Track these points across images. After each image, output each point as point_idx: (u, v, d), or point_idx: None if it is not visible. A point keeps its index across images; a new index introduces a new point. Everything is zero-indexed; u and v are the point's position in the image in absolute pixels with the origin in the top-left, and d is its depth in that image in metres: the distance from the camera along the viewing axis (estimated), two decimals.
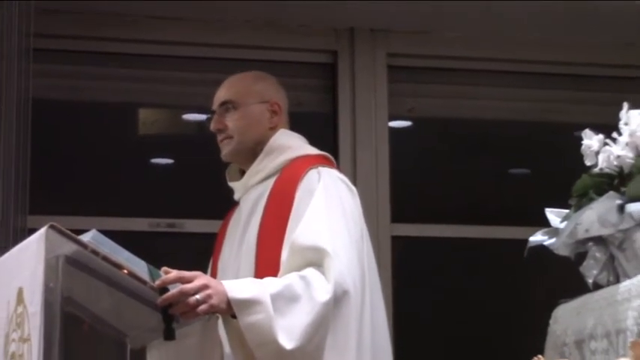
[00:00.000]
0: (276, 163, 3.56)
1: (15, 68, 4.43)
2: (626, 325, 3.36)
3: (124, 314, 3.20)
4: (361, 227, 3.45)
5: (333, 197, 3.39)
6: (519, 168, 5.73)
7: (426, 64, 5.46)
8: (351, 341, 3.21)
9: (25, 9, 4.45)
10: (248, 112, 3.60)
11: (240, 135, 3.59)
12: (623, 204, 3.46)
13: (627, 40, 5.47)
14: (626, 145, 3.55)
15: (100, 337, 3.29)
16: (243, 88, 3.65)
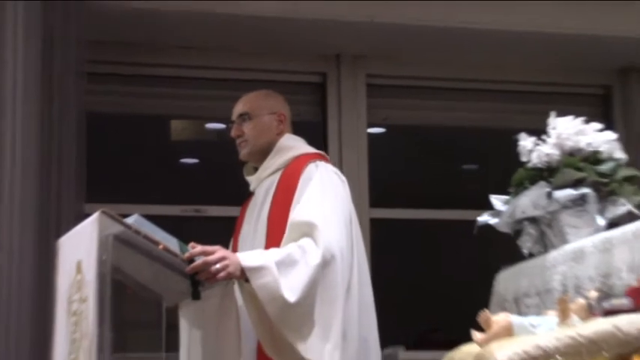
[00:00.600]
0: (282, 160, 3.57)
1: (72, 88, 4.44)
2: (553, 285, 3.39)
3: (160, 280, 3.21)
4: (350, 210, 3.47)
5: (326, 184, 3.41)
6: (470, 164, 5.74)
7: (397, 82, 5.45)
8: (339, 295, 3.22)
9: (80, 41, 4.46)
10: (260, 122, 3.62)
11: (254, 140, 3.60)
12: (551, 191, 3.50)
13: (555, 64, 5.48)
14: (554, 146, 3.59)
15: (141, 299, 3.30)
16: (256, 102, 3.67)
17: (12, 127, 4.28)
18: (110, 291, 2.92)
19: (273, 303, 3.10)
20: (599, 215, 3.46)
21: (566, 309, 2.90)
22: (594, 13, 5.15)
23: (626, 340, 2.68)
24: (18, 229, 4.20)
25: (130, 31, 4.85)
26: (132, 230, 3.03)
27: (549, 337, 2.73)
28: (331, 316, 3.20)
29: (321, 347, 3.15)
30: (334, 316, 3.21)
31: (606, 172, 3.51)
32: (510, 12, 5.07)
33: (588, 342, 2.68)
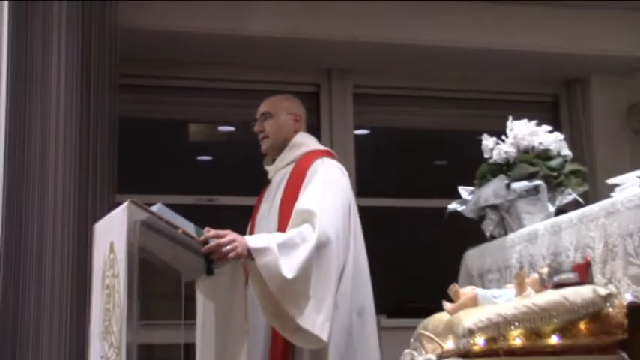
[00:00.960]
0: (295, 154, 3.55)
1: (107, 98, 4.43)
2: (511, 263, 3.39)
3: (179, 259, 3.19)
4: (349, 199, 3.44)
5: (329, 178, 3.38)
6: (441, 160, 5.72)
7: (379, 92, 5.45)
8: (332, 272, 3.20)
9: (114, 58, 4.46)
10: (279, 121, 3.59)
11: (274, 135, 3.58)
12: (509, 183, 3.50)
13: (512, 76, 5.47)
14: (511, 145, 3.59)
15: (163, 275, 3.29)
16: (277, 104, 3.64)
17: (56, 131, 4.27)
18: (137, 268, 2.90)
19: (273, 279, 3.07)
20: (550, 203, 3.46)
21: (522, 282, 2.90)
22: (545, 34, 5.15)
23: (572, 309, 2.68)
24: (61, 215, 4.19)
25: (155, 50, 4.85)
26: (156, 217, 3.02)
27: (508, 306, 2.73)
28: (325, 291, 3.17)
29: (314, 318, 3.12)
30: (327, 291, 3.18)
31: (555, 166, 3.51)
32: (474, 32, 5.07)
33: (541, 310, 2.69)
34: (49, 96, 4.28)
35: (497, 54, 5.16)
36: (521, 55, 5.19)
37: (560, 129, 4.86)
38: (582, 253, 2.89)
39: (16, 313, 4.07)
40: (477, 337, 2.65)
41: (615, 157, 5.24)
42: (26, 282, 4.10)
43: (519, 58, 5.22)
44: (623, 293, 2.65)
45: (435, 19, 5.03)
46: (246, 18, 4.75)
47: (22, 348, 4.03)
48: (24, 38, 4.33)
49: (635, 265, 2.60)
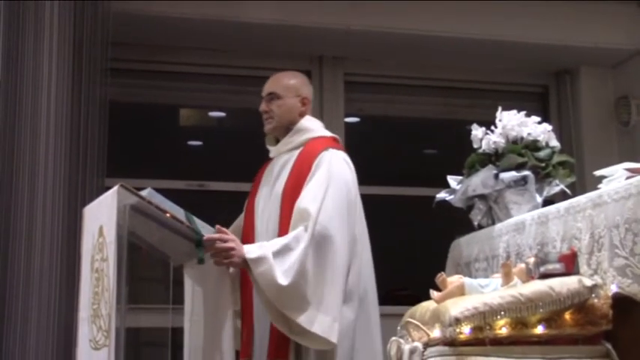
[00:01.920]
0: (301, 139, 3.49)
1: (98, 82, 4.43)
2: (498, 252, 3.39)
3: (168, 243, 3.20)
4: (354, 192, 3.39)
5: (333, 173, 3.32)
6: (431, 149, 5.73)
7: (369, 80, 5.45)
8: (336, 270, 3.17)
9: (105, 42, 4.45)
10: (286, 102, 3.52)
11: (279, 117, 3.52)
12: (498, 173, 3.51)
13: (502, 67, 5.47)
14: (500, 135, 3.59)
15: (152, 259, 3.29)
16: (284, 84, 3.57)
17: (47, 115, 4.26)
18: (126, 252, 2.90)
19: (270, 287, 3.07)
20: (537, 194, 3.47)
21: (509, 272, 2.90)
22: (534, 25, 5.16)
23: (558, 299, 2.68)
24: (51, 198, 4.19)
25: (146, 34, 4.84)
26: (145, 201, 3.02)
27: (495, 295, 2.73)
28: (330, 290, 3.15)
29: (320, 320, 3.10)
30: (333, 290, 3.15)
31: (543, 157, 3.52)
32: (464, 22, 5.07)
33: (527, 300, 2.69)
34: (39, 79, 4.28)
35: (487, 44, 5.16)
36: (511, 46, 5.20)
37: (548, 120, 4.88)
38: (569, 244, 2.89)
39: (4, 296, 4.06)
40: (463, 326, 2.65)
41: (603, 149, 5.26)
42: (15, 265, 4.10)
43: (509, 48, 5.23)
44: (609, 284, 2.66)
45: (426, 9, 5.03)
46: (238, 4, 4.75)
47: (9, 331, 4.03)
48: (16, 22, 4.31)
49: (621, 256, 2.60)
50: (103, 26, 4.45)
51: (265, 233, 3.38)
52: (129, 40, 4.70)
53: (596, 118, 5.47)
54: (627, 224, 2.58)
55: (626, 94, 5.41)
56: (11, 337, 4.02)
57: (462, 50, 5.22)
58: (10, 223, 4.13)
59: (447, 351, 2.66)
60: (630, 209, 2.57)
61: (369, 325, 3.36)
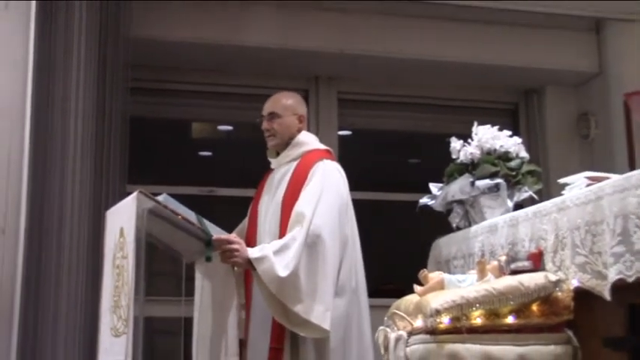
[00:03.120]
0: (299, 152, 3.50)
1: (120, 99, 4.44)
2: (474, 251, 3.39)
3: (180, 243, 3.19)
4: (346, 198, 3.40)
5: (326, 180, 3.34)
6: (414, 159, 5.73)
7: (360, 97, 5.45)
8: (328, 265, 3.18)
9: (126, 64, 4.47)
10: (285, 121, 3.53)
11: (281, 134, 3.53)
12: (473, 181, 3.51)
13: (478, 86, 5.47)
14: (476, 147, 3.59)
15: (167, 256, 3.28)
16: (283, 104, 3.57)
17: (74, 128, 4.25)
18: (144, 250, 2.90)
19: (272, 281, 3.08)
20: (509, 199, 3.48)
21: (483, 269, 2.90)
22: (506, 49, 5.17)
23: (527, 293, 2.69)
24: (78, 203, 4.18)
25: (162, 57, 4.85)
26: (161, 205, 3.02)
27: (471, 289, 2.74)
28: (323, 283, 3.15)
29: (315, 309, 3.11)
30: (325, 283, 3.16)
31: (514, 167, 3.53)
32: (444, 47, 5.09)
33: (499, 294, 2.70)
34: (68, 98, 4.27)
35: (464, 66, 5.16)
36: (486, 68, 5.20)
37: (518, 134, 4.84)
38: (536, 243, 2.90)
39: (37, 288, 4.07)
40: (442, 316, 2.65)
41: (566, 160, 5.26)
42: (47, 261, 4.10)
43: (484, 70, 5.23)
44: (571, 279, 2.67)
45: (410, 36, 5.04)
46: (244, 30, 4.76)
47: (43, 319, 4.03)
48: (47, 47, 4.31)
49: (582, 255, 2.61)
50: (125, 50, 4.46)
51: (267, 235, 3.39)
52: (147, 62, 4.69)
53: (560, 132, 5.47)
54: (587, 226, 2.58)
55: (586, 111, 5.42)
56: (44, 324, 4.02)
57: (442, 71, 5.23)
58: (42, 224, 4.13)
59: (429, 339, 2.66)
60: (590, 213, 2.57)
61: (360, 315, 3.36)
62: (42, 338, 4.01)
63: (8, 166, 4.22)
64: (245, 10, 4.76)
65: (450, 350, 2.61)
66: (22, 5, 4.33)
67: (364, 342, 3.33)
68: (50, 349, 3.99)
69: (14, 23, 4.32)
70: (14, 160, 4.20)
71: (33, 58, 4.25)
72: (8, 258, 4.11)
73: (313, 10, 4.87)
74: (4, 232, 4.15)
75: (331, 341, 3.19)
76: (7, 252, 4.12)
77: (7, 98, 4.26)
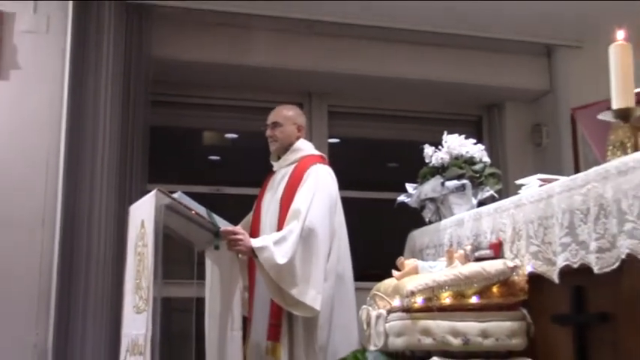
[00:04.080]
0: (296, 157, 3.52)
1: (142, 111, 4.42)
2: (444, 241, 3.38)
3: (193, 234, 3.19)
4: (335, 197, 3.41)
5: (319, 182, 3.35)
6: (394, 163, 5.72)
7: (348, 110, 5.42)
8: (320, 255, 3.20)
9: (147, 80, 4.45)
10: (286, 129, 3.55)
11: (281, 140, 3.55)
12: (444, 181, 3.50)
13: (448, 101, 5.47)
14: (446, 153, 3.58)
15: (181, 245, 3.28)
16: (284, 115, 3.59)
17: (102, 136, 4.25)
18: (161, 240, 2.90)
19: (272, 268, 3.09)
20: (473, 197, 3.47)
21: (451, 257, 2.90)
22: (472, 70, 5.17)
23: (488, 277, 2.70)
24: (105, 199, 4.18)
25: (178, 75, 4.82)
26: (176, 201, 3.03)
27: (441, 274, 2.74)
28: (314, 270, 3.17)
29: (307, 292, 3.14)
30: (317, 269, 3.17)
31: (478, 170, 3.52)
32: (420, 67, 5.08)
33: (465, 278, 2.69)
34: (98, 108, 4.27)
35: (437, 84, 5.16)
36: (455, 86, 5.20)
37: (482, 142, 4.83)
38: (496, 235, 2.89)
39: (70, 272, 4.07)
40: (416, 297, 2.65)
41: (522, 164, 5.26)
42: (79, 248, 4.10)
43: (453, 88, 5.23)
44: (526, 265, 2.66)
45: (392, 58, 5.03)
46: (247, 53, 4.75)
47: (75, 297, 4.04)
48: (81, 65, 4.31)
49: (535, 244, 2.61)
50: (147, 69, 4.44)
51: (268, 227, 3.39)
52: (165, 79, 4.67)
53: (517, 141, 5.48)
54: (539, 220, 2.58)
55: (539, 123, 5.43)
56: (76, 302, 4.02)
57: (417, 89, 5.23)
58: (75, 216, 4.13)
59: (405, 316, 2.66)
60: (542, 209, 2.57)
61: (347, 296, 3.37)
62: (74, 314, 4.01)
63: (47, 168, 4.22)
64: (249, 36, 4.75)
65: (423, 326, 2.61)
66: (60, 29, 4.35)
67: (350, 319, 3.33)
68: (81, 323, 3.99)
69: (54, 44, 4.35)
70: (52, 162, 4.21)
71: (69, 74, 4.27)
72: (47, 245, 4.13)
73: (307, 35, 4.86)
74: (44, 223, 4.16)
75: (319, 319, 3.20)
76: (45, 240, 4.14)
77: (45, 108, 4.28)
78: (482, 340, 2.60)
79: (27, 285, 4.07)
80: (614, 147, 2.37)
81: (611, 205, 2.20)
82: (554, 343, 2.58)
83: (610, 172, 2.22)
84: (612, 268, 2.20)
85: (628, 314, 2.21)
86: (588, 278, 2.31)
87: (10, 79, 4.29)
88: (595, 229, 2.26)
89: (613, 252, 2.20)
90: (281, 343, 3.19)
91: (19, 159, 4.20)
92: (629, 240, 2.11)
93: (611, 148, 2.38)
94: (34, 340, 4.02)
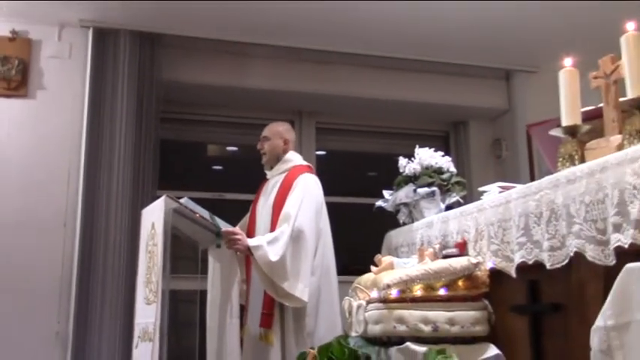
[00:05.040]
0: (286, 167, 3.50)
1: (153, 126, 4.36)
2: (416, 241, 3.38)
3: (197, 234, 3.17)
4: (321, 203, 3.40)
5: (307, 189, 3.33)
6: (373, 172, 5.71)
7: (333, 127, 5.39)
8: (308, 253, 3.18)
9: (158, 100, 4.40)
10: (272, 143, 3.54)
11: (269, 153, 3.54)
12: (416, 188, 3.49)
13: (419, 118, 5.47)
14: (417, 163, 3.58)
15: (187, 244, 3.26)
16: (273, 130, 3.58)
17: (118, 148, 4.23)
18: (170, 239, 2.89)
19: (266, 264, 3.08)
20: (442, 202, 3.47)
21: (422, 254, 2.90)
22: (441, 91, 5.16)
23: (454, 272, 2.70)
24: (121, 203, 4.15)
25: (185, 95, 4.78)
26: (183, 206, 3.02)
27: (413, 269, 2.73)
28: (303, 266, 3.16)
29: (296, 285, 3.12)
30: (305, 265, 3.16)
31: (446, 178, 3.52)
32: (396, 89, 5.06)
33: (434, 272, 2.69)
34: (114, 125, 4.25)
35: (411, 104, 5.16)
36: (426, 106, 5.20)
37: (449, 154, 4.88)
38: (462, 235, 2.90)
39: (90, 267, 4.04)
40: (392, 289, 2.64)
41: (484, 173, 5.26)
42: (97, 247, 4.07)
43: (424, 107, 5.22)
44: (487, 262, 2.67)
45: (372, 81, 5.01)
46: (245, 76, 4.73)
47: (93, 291, 4.01)
48: (99, 86, 4.30)
49: (495, 243, 2.61)
50: (157, 89, 4.40)
51: (262, 228, 3.37)
52: (174, 98, 4.64)
53: (480, 153, 5.48)
54: (499, 222, 2.59)
55: (499, 138, 5.44)
56: (94, 295, 3.99)
57: (394, 108, 5.22)
58: (93, 219, 4.11)
59: (382, 306, 2.66)
60: (501, 213, 2.58)
61: (331, 288, 3.36)
62: (92, 305, 3.97)
63: (68, 176, 4.20)
64: (247, 61, 4.74)
65: (398, 315, 2.61)
66: (81, 55, 4.34)
67: (334, 309, 3.32)
68: (98, 313, 3.96)
69: (75, 68, 4.35)
70: (72, 171, 4.19)
71: (88, 94, 4.26)
72: (68, 245, 4.10)
73: (297, 61, 4.85)
74: (65, 225, 4.13)
75: (307, 309, 3.19)
76: (67, 240, 4.12)
77: (68, 124, 4.26)
78: (450, 327, 2.60)
79: (50, 280, 4.05)
80: (564, 159, 2.38)
81: (561, 210, 2.21)
82: (512, 329, 2.58)
83: (560, 180, 2.23)
84: (562, 264, 2.21)
85: (576, 304, 2.22)
86: (542, 273, 2.32)
87: (37, 98, 4.29)
88: (547, 230, 2.27)
89: (563, 250, 2.20)
90: (273, 330, 3.17)
91: (44, 169, 4.18)
92: (577, 240, 2.12)
93: (561, 160, 2.39)
94: (56, 329, 4.00)
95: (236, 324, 3.12)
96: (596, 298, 2.03)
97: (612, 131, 2.32)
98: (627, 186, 1.92)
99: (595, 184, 2.06)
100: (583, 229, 2.09)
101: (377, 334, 2.67)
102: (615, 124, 2.32)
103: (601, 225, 2.03)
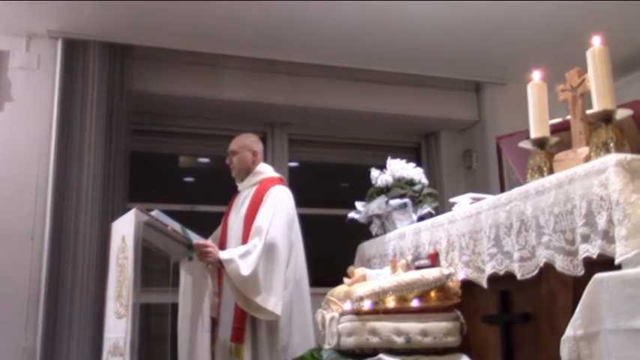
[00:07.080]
0: (257, 179, 3.48)
1: (123, 138, 4.32)
2: (389, 252, 3.38)
3: (169, 247, 3.14)
4: (293, 214, 3.38)
5: (278, 201, 3.31)
6: (345, 183, 5.72)
7: (305, 138, 5.41)
8: (280, 266, 3.17)
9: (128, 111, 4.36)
10: (241, 156, 3.51)
11: (238, 167, 3.52)
12: (388, 200, 3.50)
13: (391, 130, 5.51)
14: (389, 175, 3.58)
15: (158, 257, 3.23)
16: (240, 143, 3.55)
17: (88, 160, 4.19)
18: (140, 252, 2.86)
19: (237, 278, 3.06)
20: (414, 214, 3.47)
21: (395, 265, 2.90)
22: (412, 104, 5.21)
23: (427, 283, 2.70)
24: (90, 215, 4.11)
25: (157, 106, 4.76)
26: (154, 219, 2.99)
27: (386, 281, 2.73)
28: (275, 279, 3.14)
29: (269, 299, 3.10)
30: (277, 279, 3.14)
31: (417, 190, 3.53)
32: (367, 101, 5.11)
33: (406, 284, 2.69)
34: (84, 136, 4.22)
35: (382, 116, 5.20)
36: (397, 117, 5.25)
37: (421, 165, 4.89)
38: (434, 246, 2.90)
39: (57, 281, 3.98)
40: (365, 301, 2.64)
41: (455, 185, 5.32)
42: (65, 261, 4.02)
43: (396, 119, 5.27)
44: (459, 273, 2.67)
45: (344, 93, 5.05)
46: (218, 87, 4.73)
47: (62, 305, 3.95)
48: (69, 97, 4.25)
49: (466, 254, 2.62)
50: (127, 100, 4.37)
51: (234, 240, 3.35)
52: (145, 110, 4.62)
53: (451, 164, 5.54)
54: (470, 234, 2.60)
55: (470, 149, 5.50)
56: (63, 309, 3.94)
57: (365, 119, 5.25)
58: (62, 232, 4.05)
59: (355, 318, 2.64)
60: (472, 224, 2.59)
61: (303, 301, 3.35)
62: (61, 320, 3.91)
63: (36, 188, 4.14)
64: (219, 73, 4.74)
65: (371, 326, 2.60)
66: (50, 66, 4.29)
67: (306, 321, 3.31)
68: (67, 327, 3.90)
69: (44, 79, 4.29)
70: (41, 182, 4.13)
71: (57, 106, 4.21)
72: (36, 258, 4.04)
73: (269, 73, 4.86)
74: (33, 238, 4.07)
75: (280, 322, 3.17)
76: (35, 253, 4.05)
77: (36, 136, 4.20)
78: (422, 338, 2.60)
79: (18, 293, 3.98)
80: (533, 170, 2.41)
81: (530, 221, 2.23)
82: (484, 339, 2.60)
83: (530, 192, 2.26)
84: (532, 275, 2.23)
85: (546, 314, 2.24)
86: (512, 283, 2.34)
87: (5, 110, 4.22)
88: (517, 241, 2.29)
89: (533, 261, 2.22)
90: (244, 345, 3.15)
91: (12, 181, 4.11)
92: (546, 250, 2.14)
93: (530, 172, 2.42)
94: (23, 344, 3.92)
95: (207, 338, 3.09)
96: (566, 308, 2.06)
97: (580, 143, 2.36)
98: (595, 197, 1.95)
99: (563, 196, 2.09)
100: (552, 240, 2.11)
101: (350, 347, 2.66)
102: (582, 136, 2.36)
103: (570, 235, 2.05)
